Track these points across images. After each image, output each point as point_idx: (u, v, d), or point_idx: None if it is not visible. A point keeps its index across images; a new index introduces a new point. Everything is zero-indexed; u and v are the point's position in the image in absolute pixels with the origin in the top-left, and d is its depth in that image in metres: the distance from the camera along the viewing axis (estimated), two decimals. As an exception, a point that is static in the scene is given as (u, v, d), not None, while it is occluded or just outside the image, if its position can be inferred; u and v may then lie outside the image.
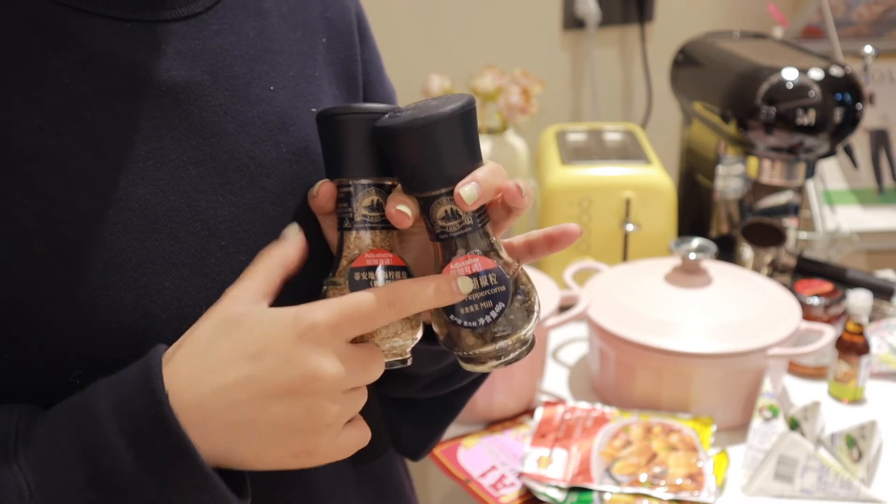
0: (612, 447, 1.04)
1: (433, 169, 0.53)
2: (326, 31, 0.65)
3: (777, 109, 1.22)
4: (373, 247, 0.56)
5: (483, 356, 0.55)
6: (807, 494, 0.99)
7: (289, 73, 0.61)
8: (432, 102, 0.54)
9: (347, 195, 0.56)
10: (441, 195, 0.53)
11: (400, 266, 0.56)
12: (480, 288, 0.53)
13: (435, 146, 0.52)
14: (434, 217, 0.54)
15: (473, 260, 0.54)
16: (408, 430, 0.73)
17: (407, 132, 0.52)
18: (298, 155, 0.59)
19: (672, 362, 1.09)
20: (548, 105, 1.60)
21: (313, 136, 0.60)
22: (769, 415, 1.04)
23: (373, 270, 0.55)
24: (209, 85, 0.56)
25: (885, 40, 1.76)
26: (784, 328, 1.11)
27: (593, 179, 1.35)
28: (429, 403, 0.71)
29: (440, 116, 0.52)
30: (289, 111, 0.60)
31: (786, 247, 1.40)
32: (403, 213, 0.53)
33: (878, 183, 1.71)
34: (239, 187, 0.56)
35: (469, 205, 0.52)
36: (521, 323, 0.54)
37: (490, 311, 0.53)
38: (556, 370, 1.27)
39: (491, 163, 0.55)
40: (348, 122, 0.55)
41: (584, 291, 1.19)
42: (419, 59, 1.56)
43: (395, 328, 0.55)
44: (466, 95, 0.54)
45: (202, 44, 0.57)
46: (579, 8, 1.67)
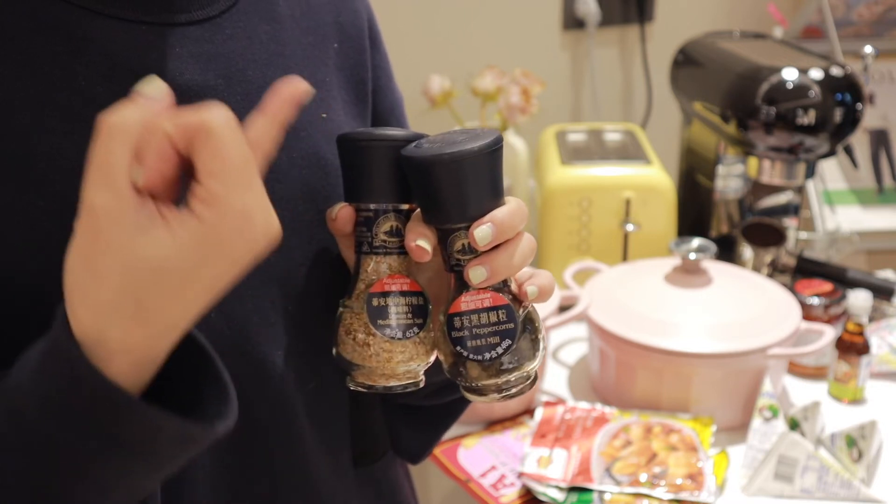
0: (612, 447, 1.04)
1: (455, 203, 0.53)
2: (338, 35, 0.65)
3: (777, 109, 1.22)
4: (390, 272, 0.56)
5: (486, 388, 0.56)
6: (807, 494, 0.99)
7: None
8: (459, 137, 0.54)
9: (367, 220, 0.56)
10: (460, 229, 0.54)
11: (416, 292, 0.57)
12: (490, 323, 0.54)
13: (460, 181, 0.53)
14: (451, 249, 0.55)
15: (485, 295, 0.54)
16: (408, 434, 0.73)
17: (434, 165, 0.52)
18: (309, 160, 0.60)
19: (672, 362, 1.09)
20: (548, 105, 1.60)
21: (323, 142, 0.60)
22: (769, 415, 1.04)
23: (390, 296, 0.56)
24: (222, 89, 0.56)
25: (885, 40, 1.76)
26: (784, 328, 1.11)
27: (593, 179, 1.35)
28: (430, 410, 0.72)
29: (469, 153, 0.52)
30: (300, 117, 0.59)
31: (786, 247, 1.40)
32: (423, 248, 0.54)
33: (878, 183, 1.71)
34: None
35: (482, 245, 0.53)
36: (527, 359, 0.55)
37: (497, 347, 0.54)
38: (556, 370, 1.27)
39: (513, 201, 0.55)
40: (371, 149, 0.56)
41: (584, 291, 1.19)
42: (419, 59, 1.56)
43: (411, 353, 0.56)
44: (495, 132, 0.55)
45: (216, 48, 0.57)
46: (579, 8, 1.67)
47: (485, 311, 0.54)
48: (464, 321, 0.54)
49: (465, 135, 0.54)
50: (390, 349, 0.55)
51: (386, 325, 0.55)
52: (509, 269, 0.54)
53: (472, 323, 0.54)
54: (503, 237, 0.53)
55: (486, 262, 0.53)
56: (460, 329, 0.54)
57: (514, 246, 0.54)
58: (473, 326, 0.54)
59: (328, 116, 0.62)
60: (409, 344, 0.56)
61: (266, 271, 0.57)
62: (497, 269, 0.54)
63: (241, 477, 0.59)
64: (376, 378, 0.56)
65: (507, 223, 0.53)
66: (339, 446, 0.65)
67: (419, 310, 0.56)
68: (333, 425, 0.64)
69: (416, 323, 0.56)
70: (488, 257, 0.53)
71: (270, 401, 0.58)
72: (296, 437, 0.61)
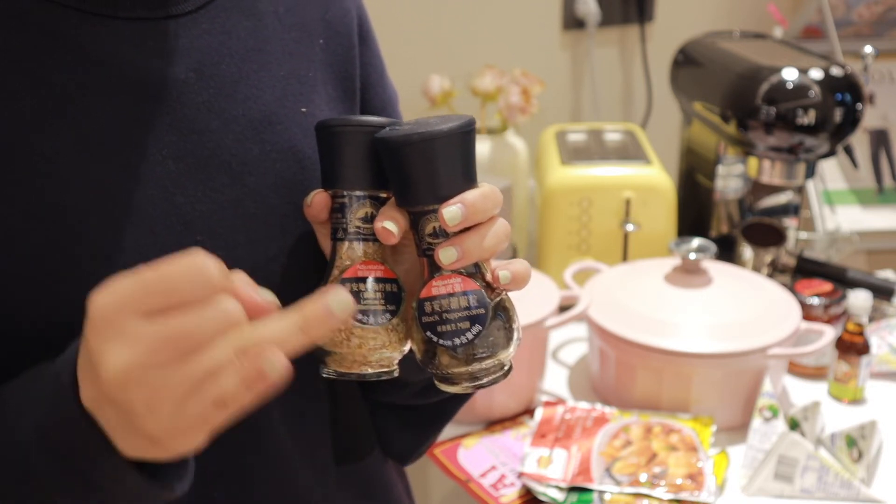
0: (612, 447, 1.04)
1: (425, 185, 0.53)
2: (325, 32, 0.65)
3: (777, 109, 1.22)
4: (364, 258, 0.56)
5: (457, 376, 0.55)
6: (807, 494, 0.99)
7: (279, 73, 0.61)
8: (432, 120, 0.55)
9: (342, 206, 0.56)
10: (430, 211, 0.54)
11: (390, 278, 0.56)
12: (460, 308, 0.54)
13: (429, 162, 0.53)
14: (422, 232, 0.55)
15: (456, 280, 0.54)
16: (398, 434, 0.72)
17: (404, 146, 0.53)
18: (284, 154, 0.60)
19: (672, 362, 1.09)
20: (548, 105, 1.60)
21: (301, 136, 0.61)
22: (769, 415, 1.04)
23: (363, 282, 0.55)
24: (193, 82, 0.56)
25: (885, 40, 1.76)
26: (784, 328, 1.11)
27: (593, 179, 1.35)
28: (419, 410, 0.71)
29: (438, 133, 0.52)
30: (276, 110, 0.60)
31: (786, 247, 1.40)
32: (389, 230, 0.54)
33: (878, 183, 1.71)
34: (220, 184, 0.56)
35: (451, 226, 0.53)
36: (500, 348, 0.55)
37: (466, 332, 0.54)
38: (556, 370, 1.27)
39: (486, 185, 0.55)
40: (345, 134, 0.56)
41: (584, 291, 1.19)
42: (419, 59, 1.56)
43: (383, 340, 0.55)
44: (467, 116, 0.55)
45: (190, 42, 0.57)
46: (579, 8, 1.67)
47: (455, 296, 0.54)
48: (434, 306, 0.54)
49: (438, 119, 0.55)
50: (362, 335, 0.55)
51: (358, 310, 0.55)
52: (480, 251, 0.54)
53: (443, 308, 0.54)
54: (474, 219, 0.53)
55: (457, 244, 0.53)
56: (430, 314, 0.54)
57: (486, 229, 0.54)
58: (443, 311, 0.54)
59: (309, 111, 0.62)
60: (382, 330, 0.56)
61: (237, 264, 0.57)
62: (468, 251, 0.53)
63: (211, 469, 0.58)
64: (349, 365, 0.56)
65: (479, 205, 0.53)
66: (317, 442, 0.65)
67: (392, 297, 0.56)
68: (310, 419, 0.64)
69: (389, 309, 0.56)
70: (459, 239, 0.53)
71: None
72: (267, 428, 0.61)
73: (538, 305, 1.13)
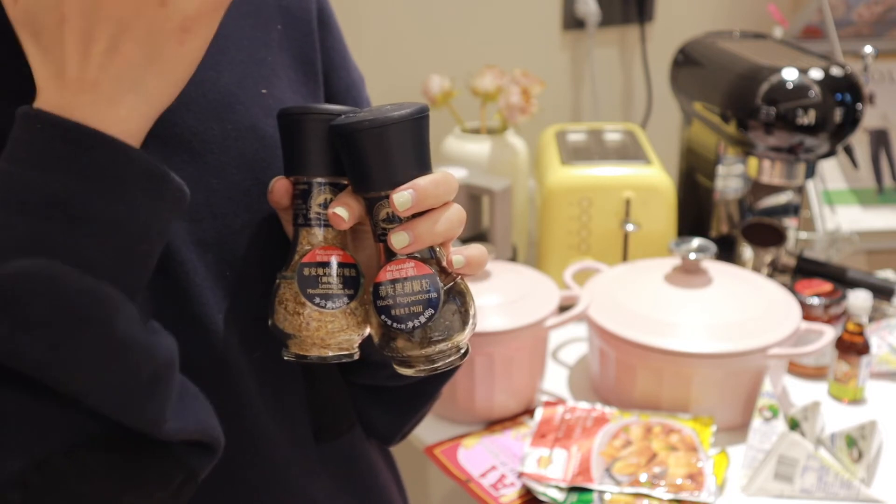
0: (612, 447, 1.04)
1: (378, 171, 0.54)
2: (282, 18, 0.66)
3: (777, 109, 1.22)
4: (324, 244, 0.58)
5: (413, 359, 0.57)
6: (807, 494, 0.99)
7: (238, 57, 0.62)
8: (386, 107, 0.56)
9: (302, 192, 0.58)
10: (384, 197, 0.55)
11: (349, 263, 0.58)
12: (413, 292, 0.55)
13: (381, 148, 0.54)
14: (377, 218, 0.56)
15: (409, 264, 0.55)
16: (379, 415, 0.73)
17: (356, 132, 0.54)
18: (244, 132, 0.61)
19: (672, 362, 1.09)
20: (548, 105, 1.60)
21: (262, 115, 0.62)
22: (769, 415, 1.04)
23: (322, 266, 0.57)
24: None
25: (885, 40, 1.76)
26: (784, 328, 1.11)
27: (593, 179, 1.35)
28: (397, 391, 0.72)
29: (390, 119, 0.54)
30: (235, 91, 0.61)
31: (786, 247, 1.40)
32: (339, 216, 0.55)
33: (878, 183, 1.71)
34: (180, 161, 0.57)
35: (402, 210, 0.54)
36: (455, 331, 0.56)
37: (419, 316, 0.55)
38: (556, 370, 1.27)
39: (440, 172, 0.56)
40: (305, 122, 0.57)
41: (584, 291, 1.19)
42: (419, 59, 1.56)
43: (342, 323, 0.57)
44: (420, 104, 0.56)
45: None
46: (579, 8, 1.67)
47: (408, 280, 0.55)
48: (388, 290, 0.55)
49: (393, 106, 0.56)
50: (320, 318, 0.57)
51: (315, 294, 0.56)
52: (432, 236, 0.55)
53: (396, 292, 0.55)
54: (425, 204, 0.54)
55: (409, 229, 0.54)
56: (384, 298, 0.55)
57: (439, 214, 0.55)
58: (397, 295, 0.55)
59: (269, 92, 0.63)
60: (340, 314, 0.57)
61: (199, 234, 0.58)
62: (420, 236, 0.54)
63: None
64: (308, 347, 0.58)
65: (430, 191, 0.54)
66: (295, 418, 0.66)
67: (351, 281, 0.57)
68: (287, 396, 0.65)
69: (347, 293, 0.57)
70: (411, 224, 0.54)
71: (215, 366, 0.59)
72: (243, 404, 0.61)
73: (538, 305, 1.13)
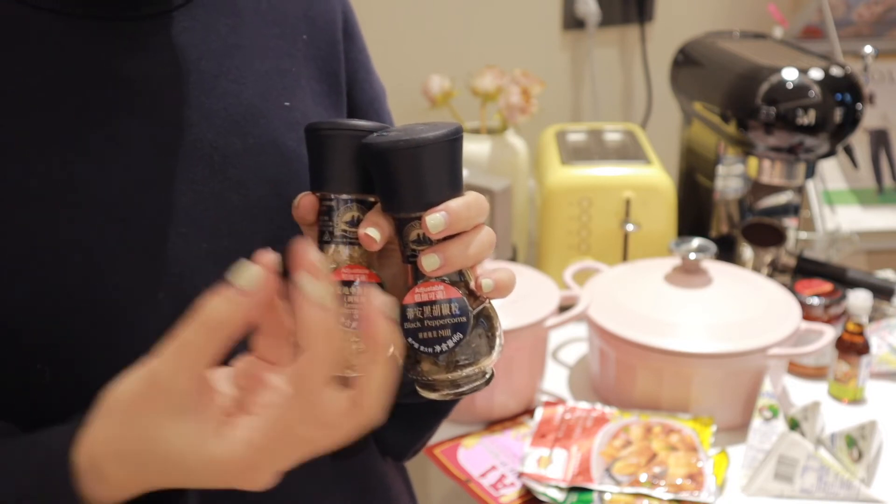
0: (612, 447, 1.04)
1: (411, 191, 0.53)
2: (307, 28, 0.66)
3: (777, 109, 1.22)
4: (350, 262, 0.56)
5: (438, 383, 0.56)
6: (807, 494, 0.99)
7: (261, 69, 0.61)
8: (420, 127, 0.55)
9: (329, 209, 0.57)
10: (415, 218, 0.54)
11: (374, 283, 0.56)
12: (441, 316, 0.54)
13: (415, 169, 0.53)
14: (407, 239, 0.55)
15: (438, 287, 0.54)
16: (393, 432, 0.72)
17: (390, 152, 0.53)
18: (265, 147, 0.60)
19: (672, 362, 1.09)
20: (548, 105, 1.60)
21: (284, 129, 0.61)
22: (769, 415, 1.04)
23: (347, 285, 0.55)
24: (172, 79, 0.57)
25: (885, 40, 1.76)
26: (784, 328, 1.11)
27: (593, 179, 1.35)
28: (413, 408, 0.71)
29: (425, 140, 0.52)
30: (258, 104, 0.60)
31: (786, 247, 1.40)
32: (371, 237, 0.54)
33: (878, 183, 1.71)
34: (201, 176, 0.57)
35: (434, 233, 0.53)
36: (481, 356, 0.55)
37: (448, 340, 0.54)
38: (556, 370, 1.27)
39: (471, 194, 0.55)
40: (334, 138, 0.56)
41: (584, 291, 1.19)
42: (419, 59, 1.56)
43: None
44: (455, 124, 0.55)
45: (169, 40, 0.58)
46: (579, 8, 1.67)
47: (437, 304, 0.54)
48: (416, 312, 0.54)
49: (426, 126, 0.55)
50: (345, 339, 0.55)
51: (342, 314, 0.55)
52: (464, 259, 0.54)
53: (424, 315, 0.54)
54: (458, 227, 0.53)
55: (440, 251, 0.53)
56: (412, 321, 0.54)
57: (471, 237, 0.54)
58: (425, 318, 0.54)
59: (292, 105, 0.62)
60: None
61: (217, 251, 0.57)
62: (451, 259, 0.53)
63: None
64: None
65: (463, 213, 0.53)
66: None
67: None
68: None
69: None
70: (442, 247, 0.53)
71: None
72: None
73: (538, 305, 1.13)
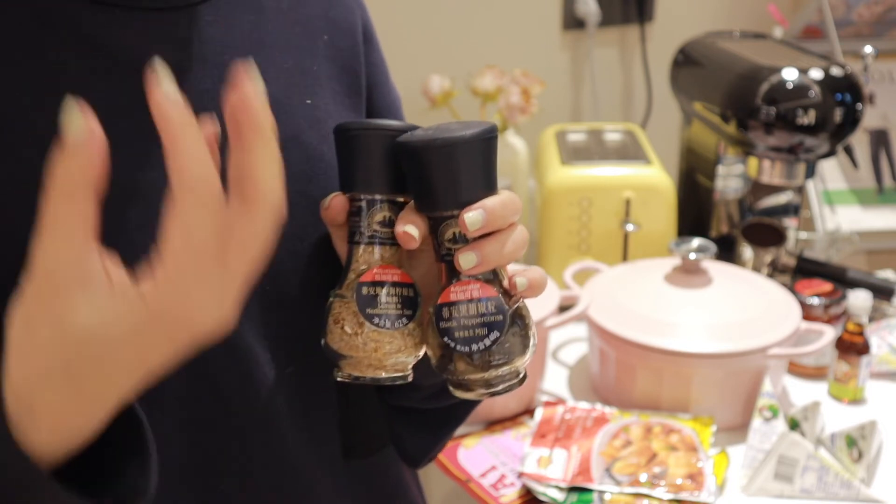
0: (612, 447, 1.04)
1: (446, 190, 0.53)
2: (329, 29, 0.66)
3: (777, 109, 1.22)
4: (381, 262, 0.56)
5: (472, 383, 0.55)
6: (807, 494, 0.99)
7: (284, 66, 0.62)
8: (454, 126, 0.55)
9: (359, 209, 0.57)
10: (451, 217, 0.54)
11: (407, 283, 0.56)
12: (478, 314, 0.54)
13: (451, 167, 0.53)
14: (442, 238, 0.54)
15: (474, 286, 0.54)
16: (409, 437, 0.72)
17: (426, 150, 0.53)
18: (287, 142, 0.60)
19: (672, 362, 1.09)
20: (548, 105, 1.60)
21: (306, 126, 0.61)
22: (769, 415, 1.04)
23: (380, 286, 0.55)
24: (197, 70, 0.57)
25: (885, 40, 1.76)
26: (784, 328, 1.11)
27: (593, 179, 1.35)
28: (431, 413, 0.71)
29: (460, 139, 0.52)
30: (280, 100, 0.60)
31: (786, 247, 1.40)
32: (410, 234, 0.54)
33: (878, 183, 1.71)
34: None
35: (472, 231, 0.53)
36: (516, 355, 0.55)
37: (484, 339, 0.54)
38: (556, 370, 1.27)
39: (506, 192, 0.55)
40: (364, 138, 0.56)
41: (584, 291, 1.19)
42: (419, 59, 1.56)
43: (399, 344, 0.56)
44: (489, 123, 0.55)
45: (192, 32, 0.58)
46: (579, 8, 1.67)
47: (473, 302, 0.54)
48: (452, 311, 0.54)
49: (459, 124, 0.55)
50: (378, 339, 0.55)
51: (375, 314, 0.55)
52: (500, 257, 0.54)
53: (461, 314, 0.54)
54: (494, 225, 0.53)
55: (477, 249, 0.53)
56: (448, 319, 0.54)
57: (506, 235, 0.54)
58: (461, 317, 0.54)
59: (314, 103, 0.62)
60: (398, 335, 0.56)
61: None
62: (487, 257, 0.53)
63: (213, 458, 0.58)
64: (363, 369, 0.56)
65: (499, 212, 0.53)
66: (325, 436, 0.65)
67: (409, 301, 0.56)
68: (317, 413, 0.64)
69: (406, 314, 0.56)
70: (479, 244, 0.53)
71: (241, 379, 0.58)
72: (271, 419, 0.60)
73: (538, 305, 1.13)
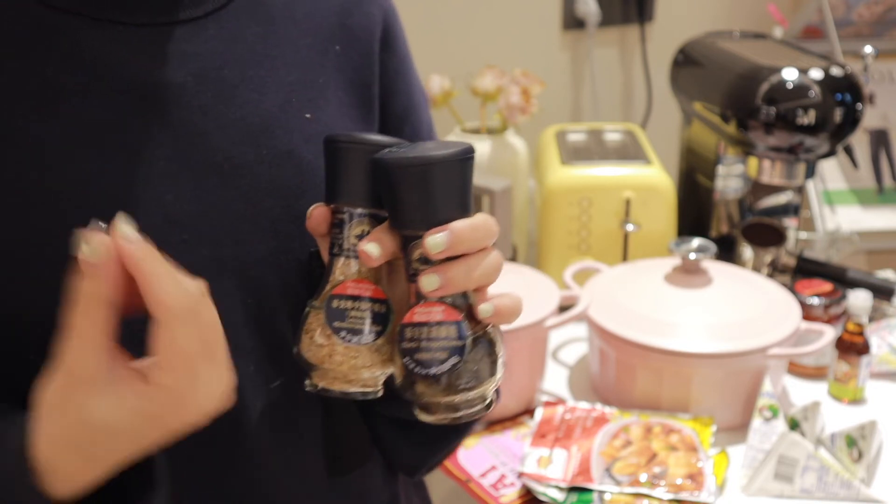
0: (612, 447, 1.04)
1: (416, 209, 0.52)
2: (343, 38, 0.65)
3: (777, 109, 1.22)
4: (358, 276, 0.56)
5: (434, 406, 0.55)
6: (807, 494, 0.99)
7: (287, 79, 0.61)
8: (431, 145, 0.54)
9: (341, 221, 0.56)
10: (419, 237, 0.52)
11: (380, 299, 0.56)
12: (439, 338, 0.53)
13: (421, 187, 0.52)
14: (410, 257, 0.54)
15: (437, 308, 0.53)
16: (405, 448, 0.72)
17: (397, 168, 0.52)
18: (280, 158, 0.60)
19: (672, 362, 1.09)
20: (548, 105, 1.60)
21: (301, 141, 0.61)
22: (769, 415, 1.04)
23: (352, 300, 0.55)
24: (191, 86, 0.57)
25: (885, 40, 1.76)
26: (784, 328, 1.11)
27: (593, 179, 1.35)
28: (426, 426, 0.71)
29: (433, 159, 0.52)
30: (277, 115, 0.60)
31: (786, 247, 1.40)
32: (368, 252, 0.53)
33: (878, 183, 1.71)
34: (211, 185, 0.57)
35: (433, 253, 0.51)
36: (479, 380, 0.54)
37: (444, 362, 0.53)
38: (556, 370, 1.27)
39: (480, 216, 0.53)
40: (349, 151, 0.56)
41: (584, 291, 1.19)
42: (419, 59, 1.54)
43: (367, 359, 0.55)
44: (466, 144, 0.54)
45: (194, 47, 0.58)
46: (579, 8, 1.67)
47: (435, 325, 0.53)
48: (413, 332, 0.53)
49: (438, 145, 0.54)
50: (345, 353, 0.55)
51: (342, 327, 0.54)
52: (466, 282, 0.52)
53: (422, 335, 0.53)
54: (460, 249, 0.52)
55: (441, 272, 0.52)
56: (410, 340, 0.53)
57: (476, 260, 0.53)
58: (422, 339, 0.53)
59: (315, 117, 0.62)
60: (365, 350, 0.55)
61: (220, 259, 0.57)
62: (451, 281, 0.52)
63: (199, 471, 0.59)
64: (331, 381, 0.56)
65: (467, 235, 0.52)
66: (307, 451, 0.64)
67: (380, 317, 0.55)
68: (299, 426, 0.63)
69: (375, 330, 0.55)
70: (443, 268, 0.52)
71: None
72: (247, 434, 0.60)
73: (538, 305, 1.13)
